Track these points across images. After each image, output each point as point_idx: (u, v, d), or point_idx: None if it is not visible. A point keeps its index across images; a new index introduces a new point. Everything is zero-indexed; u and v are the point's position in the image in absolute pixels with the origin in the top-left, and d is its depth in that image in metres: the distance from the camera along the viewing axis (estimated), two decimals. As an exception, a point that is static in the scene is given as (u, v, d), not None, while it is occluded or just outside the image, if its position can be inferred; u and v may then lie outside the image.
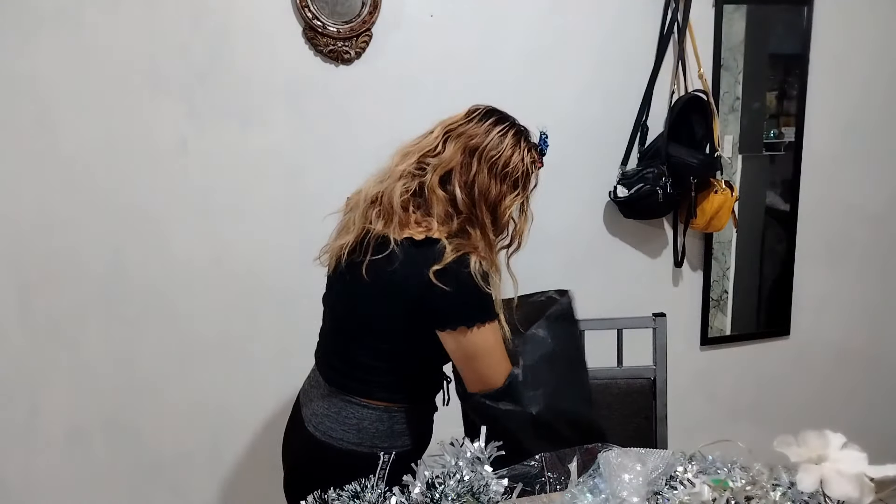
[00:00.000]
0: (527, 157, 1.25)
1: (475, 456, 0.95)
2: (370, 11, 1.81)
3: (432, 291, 1.17)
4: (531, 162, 1.25)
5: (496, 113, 1.27)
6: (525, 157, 1.24)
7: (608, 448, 1.04)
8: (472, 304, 1.19)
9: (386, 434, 1.29)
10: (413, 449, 1.32)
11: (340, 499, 0.94)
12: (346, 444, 1.28)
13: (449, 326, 1.20)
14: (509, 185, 1.23)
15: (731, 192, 2.12)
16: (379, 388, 1.29)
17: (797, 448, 0.85)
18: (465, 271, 1.17)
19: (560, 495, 1.01)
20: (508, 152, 1.22)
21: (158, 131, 1.76)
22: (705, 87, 2.10)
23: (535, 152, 1.27)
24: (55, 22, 1.65)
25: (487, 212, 1.23)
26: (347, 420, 1.29)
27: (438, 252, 1.18)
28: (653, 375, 1.65)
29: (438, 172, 1.22)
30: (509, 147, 1.23)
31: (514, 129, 1.26)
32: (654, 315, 1.66)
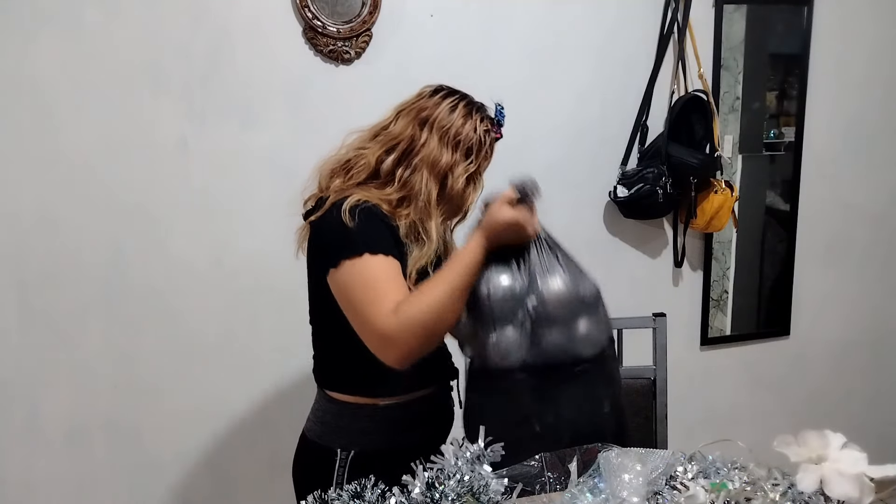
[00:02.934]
0: (479, 126, 1.25)
1: (475, 456, 0.95)
2: (370, 11, 1.81)
3: (310, 244, 1.22)
4: (484, 131, 1.25)
5: (445, 88, 1.29)
6: (477, 127, 1.25)
7: (608, 448, 1.04)
8: (334, 243, 1.15)
9: (345, 431, 1.26)
10: (380, 451, 1.24)
11: (341, 499, 0.94)
12: (311, 435, 1.30)
13: (323, 274, 1.16)
14: (461, 153, 1.24)
15: (731, 192, 2.12)
16: (331, 379, 1.29)
17: (797, 448, 0.85)
18: (335, 213, 1.15)
19: (560, 495, 1.01)
20: (459, 122, 1.23)
21: (159, 131, 1.76)
22: (705, 87, 2.10)
23: (488, 122, 1.27)
24: (56, 22, 1.65)
25: (435, 180, 1.22)
26: (316, 412, 1.31)
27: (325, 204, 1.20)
28: (653, 375, 1.65)
29: (385, 145, 1.24)
30: (460, 117, 1.24)
31: (464, 100, 1.27)
32: (654, 315, 1.66)
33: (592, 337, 1.23)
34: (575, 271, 1.25)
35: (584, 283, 1.24)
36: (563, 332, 1.20)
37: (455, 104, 1.25)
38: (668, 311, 1.68)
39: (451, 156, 1.23)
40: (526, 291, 1.20)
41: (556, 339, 1.20)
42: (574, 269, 1.25)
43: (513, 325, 1.19)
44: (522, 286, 1.21)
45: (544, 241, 1.26)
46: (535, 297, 1.20)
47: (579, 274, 1.25)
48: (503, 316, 1.19)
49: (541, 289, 1.20)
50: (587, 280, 1.26)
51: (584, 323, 1.22)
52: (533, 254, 1.23)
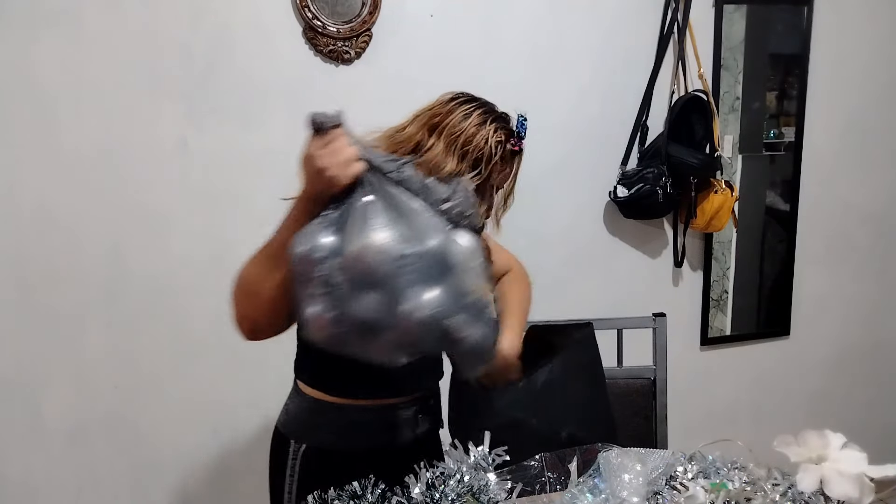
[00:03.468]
0: (492, 136, 1.17)
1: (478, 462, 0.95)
2: (370, 11, 1.81)
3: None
4: (497, 142, 1.18)
5: (465, 95, 1.23)
6: (490, 138, 1.17)
7: (608, 448, 1.04)
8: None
9: (302, 423, 1.27)
10: (329, 450, 1.24)
11: (340, 499, 0.94)
12: (277, 422, 1.31)
13: None
14: (468, 163, 1.16)
15: (731, 192, 2.12)
16: (299, 370, 1.31)
17: (797, 448, 0.85)
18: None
19: (560, 495, 1.01)
20: (471, 130, 1.17)
21: (158, 131, 1.76)
22: (705, 87, 2.10)
23: (504, 133, 1.20)
24: (55, 21, 1.65)
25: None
26: (287, 401, 1.32)
27: None
28: (653, 375, 1.65)
29: (392, 147, 1.20)
30: (472, 125, 1.17)
31: (481, 108, 1.20)
32: (654, 315, 1.66)
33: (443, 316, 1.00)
34: (423, 224, 1.03)
35: (431, 241, 1.01)
36: (378, 303, 0.98)
37: (470, 112, 1.19)
38: (668, 311, 1.68)
39: (456, 164, 1.16)
40: (335, 250, 0.99)
41: (366, 312, 0.98)
42: (423, 222, 1.03)
43: (320, 291, 0.98)
44: (332, 244, 1.00)
45: (374, 183, 1.03)
46: (342, 256, 0.98)
47: (431, 230, 1.03)
48: (305, 280, 0.99)
49: (348, 245, 0.98)
50: (443, 239, 1.03)
51: (430, 294, 0.99)
52: (358, 201, 1.01)
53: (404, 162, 1.09)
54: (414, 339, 1.01)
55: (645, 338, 1.66)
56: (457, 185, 1.10)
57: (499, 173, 1.21)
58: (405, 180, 1.06)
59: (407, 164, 1.09)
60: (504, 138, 1.20)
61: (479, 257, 1.09)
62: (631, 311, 1.74)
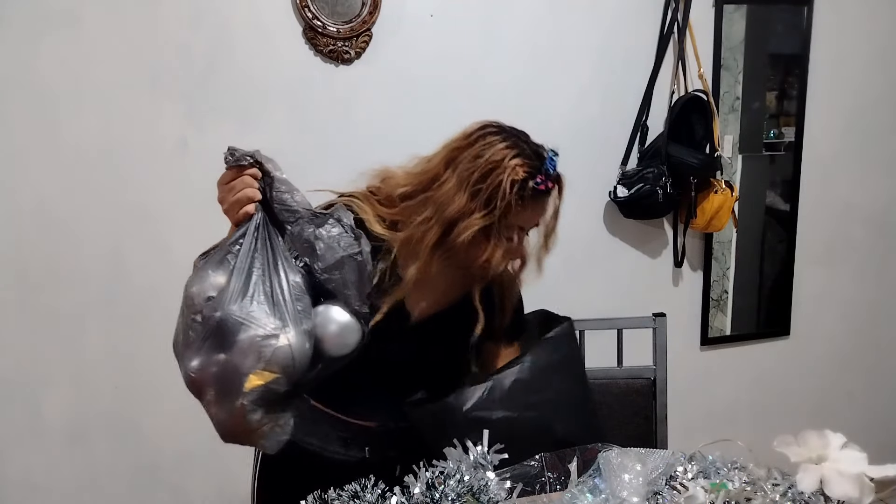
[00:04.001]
0: (508, 175, 1.07)
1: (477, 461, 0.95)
2: (370, 11, 1.81)
3: None
4: (512, 182, 1.08)
5: (493, 126, 1.15)
6: (505, 176, 1.07)
7: (608, 448, 1.04)
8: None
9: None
10: (288, 452, 1.19)
11: (340, 499, 0.94)
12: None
13: None
14: (480, 202, 1.08)
15: (731, 192, 2.12)
16: None
17: (797, 448, 0.85)
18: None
19: (560, 495, 1.01)
20: (488, 166, 1.08)
21: (158, 131, 1.76)
22: (705, 87, 2.10)
23: (527, 169, 1.10)
24: (56, 21, 1.65)
25: (438, 223, 1.10)
26: None
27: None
28: (653, 375, 1.64)
29: (415, 176, 1.15)
30: (491, 161, 1.08)
31: (505, 143, 1.11)
32: (654, 315, 1.66)
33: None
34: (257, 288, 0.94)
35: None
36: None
37: (491, 144, 1.10)
38: (668, 311, 1.68)
39: (467, 203, 1.08)
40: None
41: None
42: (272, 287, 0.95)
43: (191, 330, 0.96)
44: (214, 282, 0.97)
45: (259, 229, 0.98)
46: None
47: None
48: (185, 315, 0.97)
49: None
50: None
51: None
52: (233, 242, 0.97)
53: (310, 218, 1.00)
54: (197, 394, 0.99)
55: (645, 338, 1.66)
56: (344, 258, 1.00)
57: (520, 214, 1.12)
58: (294, 236, 1.00)
59: (307, 222, 0.99)
60: (526, 176, 1.10)
61: (352, 338, 1.01)
62: (631, 311, 1.74)
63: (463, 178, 1.09)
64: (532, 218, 1.16)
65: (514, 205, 1.10)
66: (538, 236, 1.20)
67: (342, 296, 1.01)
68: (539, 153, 1.14)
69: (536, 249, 1.21)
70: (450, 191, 1.09)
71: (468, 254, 1.13)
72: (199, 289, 0.94)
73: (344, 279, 1.00)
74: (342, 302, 1.01)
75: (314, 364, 0.99)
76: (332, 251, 1.00)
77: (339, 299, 1.01)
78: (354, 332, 1.02)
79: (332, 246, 1.00)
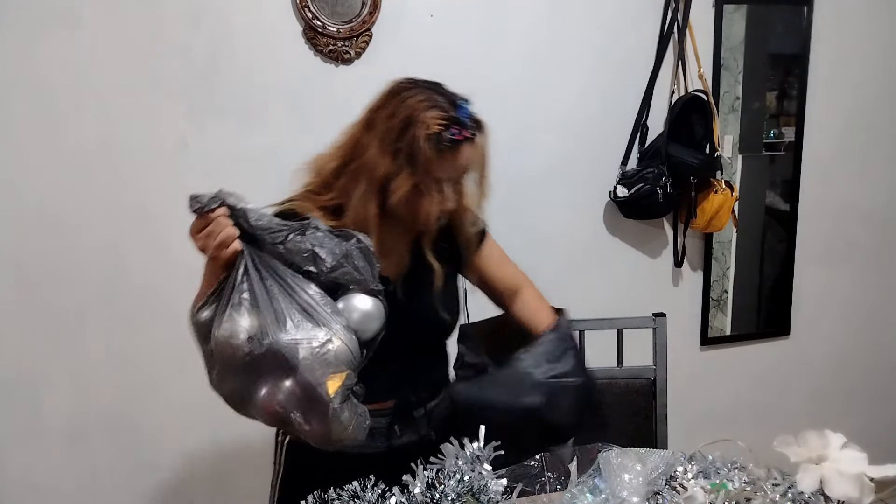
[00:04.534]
0: (422, 129, 1.07)
1: (475, 455, 0.95)
2: (370, 11, 1.81)
3: None
4: (427, 136, 1.07)
5: (406, 82, 1.14)
6: (419, 130, 1.07)
7: (608, 448, 1.04)
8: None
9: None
10: (306, 445, 1.22)
11: (340, 499, 0.94)
12: None
13: None
14: (404, 160, 1.08)
15: (731, 192, 2.12)
16: None
17: (797, 448, 0.85)
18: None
19: (560, 495, 1.01)
20: (402, 124, 1.08)
21: (158, 131, 1.76)
22: (705, 87, 2.10)
23: (439, 123, 1.08)
24: (56, 21, 1.65)
25: (373, 192, 1.11)
26: None
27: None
28: (653, 375, 1.65)
29: (339, 148, 1.17)
30: (404, 118, 1.08)
31: (420, 97, 1.10)
32: (654, 315, 1.66)
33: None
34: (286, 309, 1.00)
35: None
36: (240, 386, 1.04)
37: (404, 100, 1.10)
38: (668, 311, 1.68)
39: (391, 164, 1.09)
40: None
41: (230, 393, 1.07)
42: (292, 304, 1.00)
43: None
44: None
45: (254, 260, 1.02)
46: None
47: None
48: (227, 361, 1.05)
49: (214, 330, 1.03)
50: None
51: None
52: (231, 279, 1.03)
53: (294, 230, 1.02)
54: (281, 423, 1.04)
55: (645, 338, 1.66)
56: (348, 248, 1.03)
57: (443, 165, 1.11)
58: (290, 251, 1.02)
59: (295, 234, 1.02)
60: (441, 128, 1.09)
61: (377, 319, 1.06)
62: (631, 311, 1.74)
63: (383, 139, 1.10)
64: (457, 168, 1.14)
65: (435, 157, 1.09)
66: (474, 184, 1.20)
67: (356, 283, 1.05)
68: (455, 102, 1.13)
69: (475, 197, 1.22)
70: (374, 155, 1.10)
71: (409, 212, 1.14)
72: (232, 333, 0.99)
73: (355, 267, 1.04)
74: (359, 289, 1.06)
75: (361, 351, 1.05)
76: (333, 249, 1.03)
77: (355, 288, 1.05)
78: (379, 311, 1.07)
79: (330, 244, 1.03)
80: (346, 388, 1.01)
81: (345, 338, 1.01)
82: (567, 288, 2.12)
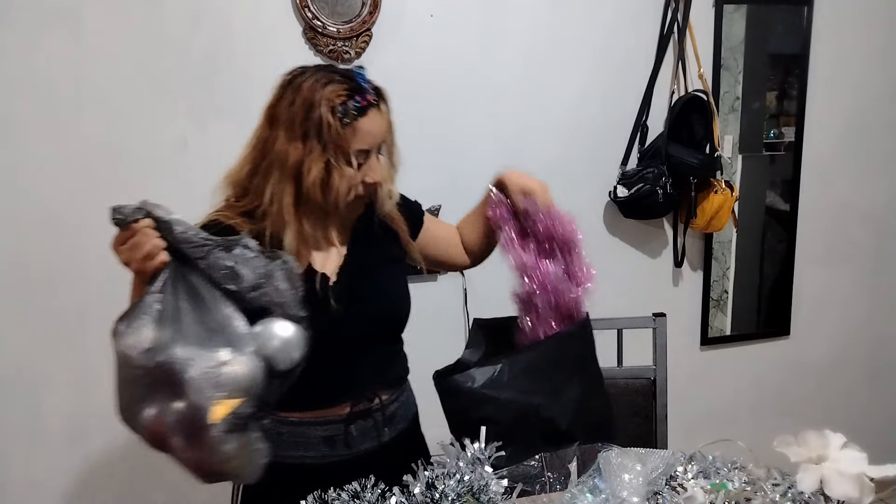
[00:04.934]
0: (325, 104, 1.07)
1: (475, 457, 0.95)
2: (370, 11, 1.81)
3: None
4: (331, 108, 1.08)
5: (295, 70, 1.16)
6: (322, 107, 1.07)
7: (608, 448, 1.04)
8: None
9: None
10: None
11: (340, 499, 0.94)
12: None
13: None
14: (314, 140, 1.08)
15: (731, 192, 2.12)
16: None
17: (797, 448, 0.85)
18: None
19: (560, 495, 1.01)
20: (304, 107, 1.09)
21: (159, 130, 1.76)
22: (705, 87, 2.10)
23: (340, 94, 1.09)
24: (56, 21, 1.65)
25: (288, 181, 1.10)
26: None
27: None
28: (653, 375, 1.65)
29: (250, 152, 1.17)
30: (305, 101, 1.09)
31: (312, 79, 1.11)
32: (654, 315, 1.66)
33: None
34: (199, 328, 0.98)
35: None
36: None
37: (299, 86, 1.11)
38: (668, 311, 1.68)
39: (302, 148, 1.09)
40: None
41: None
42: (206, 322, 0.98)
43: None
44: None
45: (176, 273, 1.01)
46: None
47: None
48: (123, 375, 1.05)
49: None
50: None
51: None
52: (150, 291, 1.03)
53: (218, 245, 1.00)
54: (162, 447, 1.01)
55: (645, 338, 1.66)
56: (271, 269, 1.00)
57: (353, 137, 1.10)
58: (211, 266, 0.99)
59: (219, 249, 0.99)
60: (343, 99, 1.09)
61: (297, 348, 1.01)
62: (631, 311, 1.74)
63: (288, 128, 1.10)
64: (367, 137, 1.12)
65: (343, 129, 1.09)
66: (384, 157, 1.19)
67: (276, 306, 1.00)
68: (349, 75, 1.13)
69: (387, 170, 1.19)
70: (282, 144, 1.10)
71: (325, 195, 1.12)
72: (133, 344, 0.98)
73: (276, 289, 1.00)
74: (280, 314, 1.01)
75: (270, 381, 0.99)
76: (254, 268, 1.00)
77: (276, 312, 1.00)
78: (299, 340, 1.01)
79: (252, 263, 1.00)
80: (236, 417, 0.94)
81: (248, 363, 0.95)
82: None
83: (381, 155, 1.18)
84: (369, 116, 1.12)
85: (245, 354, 0.95)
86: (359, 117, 1.10)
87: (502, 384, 1.19)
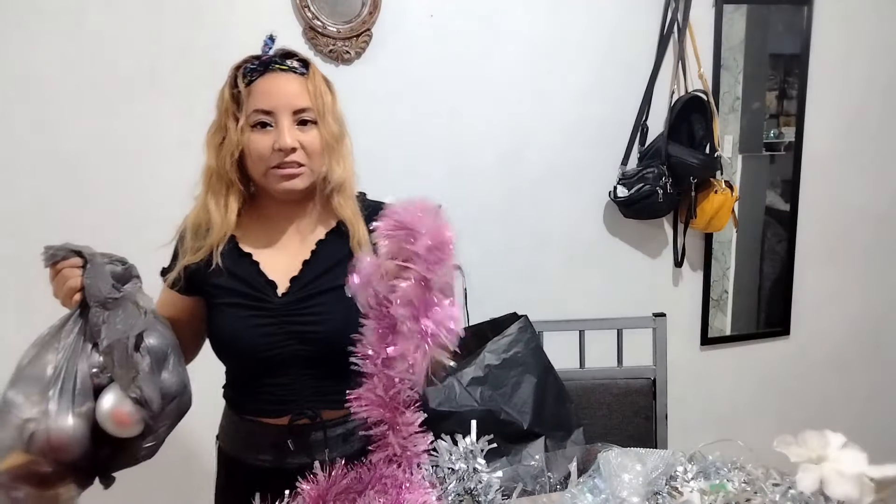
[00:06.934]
0: (227, 82, 1.13)
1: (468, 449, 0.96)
2: (370, 11, 1.81)
3: None
4: (234, 76, 1.13)
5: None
6: (225, 88, 1.13)
7: (608, 448, 1.05)
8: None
9: (221, 423, 1.33)
10: (227, 453, 1.28)
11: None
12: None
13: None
14: (232, 119, 1.13)
15: (731, 192, 2.12)
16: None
17: (797, 448, 0.85)
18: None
19: (560, 495, 1.01)
20: (221, 102, 1.15)
21: (159, 131, 1.76)
22: (705, 87, 2.10)
23: (244, 64, 1.13)
24: (56, 21, 1.65)
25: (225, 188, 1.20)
26: None
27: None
28: (653, 375, 1.65)
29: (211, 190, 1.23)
30: (220, 99, 1.15)
31: (228, 77, 1.15)
32: (654, 315, 1.66)
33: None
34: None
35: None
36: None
37: (222, 90, 1.16)
38: (668, 311, 1.68)
39: (233, 132, 1.13)
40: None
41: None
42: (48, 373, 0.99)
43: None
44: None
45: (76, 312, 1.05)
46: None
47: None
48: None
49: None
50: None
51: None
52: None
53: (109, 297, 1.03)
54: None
55: (645, 338, 1.66)
56: (122, 338, 1.00)
57: (259, 95, 1.11)
58: (91, 321, 1.01)
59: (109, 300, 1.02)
60: (247, 65, 1.13)
61: (129, 428, 1.00)
62: (631, 311, 1.74)
63: (215, 133, 1.18)
64: (263, 98, 1.10)
65: (250, 88, 1.11)
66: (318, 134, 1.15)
67: (114, 378, 1.00)
68: (258, 57, 1.15)
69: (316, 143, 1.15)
70: (210, 158, 1.19)
71: (252, 162, 1.14)
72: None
73: (115, 361, 0.99)
74: (117, 385, 1.00)
75: (100, 446, 0.99)
76: (111, 333, 0.99)
77: (116, 383, 1.00)
78: (124, 417, 0.99)
79: (116, 327, 0.99)
80: (28, 470, 0.93)
81: (55, 425, 0.93)
82: (567, 288, 2.14)
83: (313, 127, 1.13)
84: (268, 78, 1.11)
85: (67, 417, 0.95)
86: (264, 76, 1.11)
87: (456, 398, 1.34)
